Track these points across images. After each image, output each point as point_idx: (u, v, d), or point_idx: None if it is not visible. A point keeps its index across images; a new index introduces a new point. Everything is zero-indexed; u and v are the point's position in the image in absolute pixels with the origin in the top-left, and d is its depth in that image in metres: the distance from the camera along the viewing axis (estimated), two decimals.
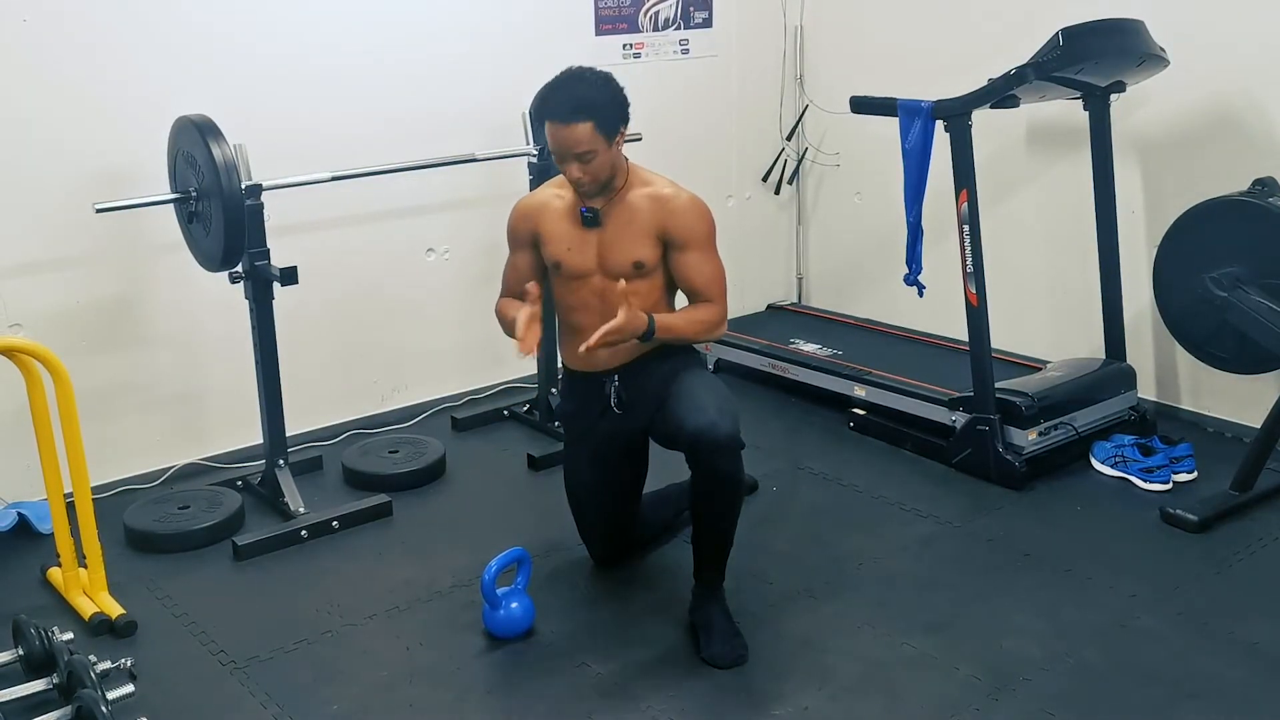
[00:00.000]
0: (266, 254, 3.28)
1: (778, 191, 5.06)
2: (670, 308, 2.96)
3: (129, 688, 2.49)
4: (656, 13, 4.53)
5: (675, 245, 2.83)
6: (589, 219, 2.84)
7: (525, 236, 2.93)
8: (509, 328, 2.84)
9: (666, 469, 3.15)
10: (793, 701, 2.54)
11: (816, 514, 3.46)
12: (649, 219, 2.82)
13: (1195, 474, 3.53)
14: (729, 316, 2.92)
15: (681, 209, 2.83)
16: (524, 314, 2.69)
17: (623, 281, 2.68)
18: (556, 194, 2.92)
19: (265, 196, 3.27)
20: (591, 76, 2.73)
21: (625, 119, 2.74)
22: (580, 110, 2.66)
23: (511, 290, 2.98)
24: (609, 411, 2.92)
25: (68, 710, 2.42)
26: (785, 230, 5.18)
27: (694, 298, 2.89)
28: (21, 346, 2.79)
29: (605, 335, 2.61)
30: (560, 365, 3.12)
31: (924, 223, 3.60)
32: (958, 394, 3.74)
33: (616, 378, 2.90)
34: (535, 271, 2.95)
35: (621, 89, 2.75)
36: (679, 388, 2.76)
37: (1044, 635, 2.77)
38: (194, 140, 3.10)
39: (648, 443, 3.02)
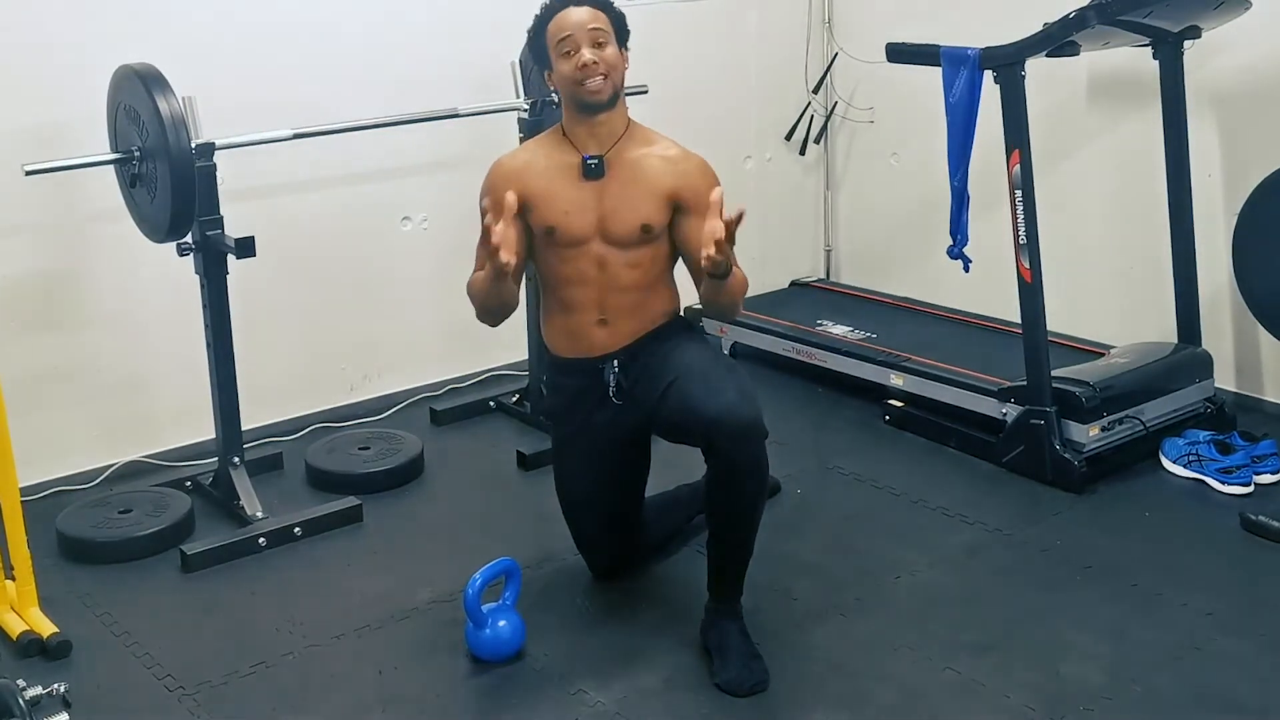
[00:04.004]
0: (220, 222, 3.27)
1: (803, 152, 5.04)
2: (672, 283, 2.96)
3: (63, 716, 2.47)
4: None
5: (687, 211, 2.84)
6: (593, 168, 2.84)
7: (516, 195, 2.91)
8: (479, 292, 2.80)
9: (674, 467, 3.14)
10: None
11: (847, 520, 3.46)
12: (659, 179, 2.83)
13: None
14: (749, 295, 2.92)
15: (695, 171, 2.86)
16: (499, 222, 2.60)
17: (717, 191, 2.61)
18: (541, 152, 2.92)
19: (219, 157, 3.25)
20: None
21: (629, 36, 2.88)
22: (596, 2, 2.83)
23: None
24: (606, 402, 2.91)
25: None
26: (811, 196, 5.16)
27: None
28: None
29: (728, 233, 2.53)
30: (548, 352, 3.11)
31: (970, 188, 3.59)
32: (1009, 383, 3.73)
33: (616, 362, 2.89)
34: (520, 243, 2.92)
35: None
36: (687, 369, 2.75)
37: (1107, 659, 2.77)
38: (137, 93, 3.08)
39: (650, 436, 3.02)
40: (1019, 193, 3.53)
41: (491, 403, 4.23)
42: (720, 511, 2.75)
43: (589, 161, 2.84)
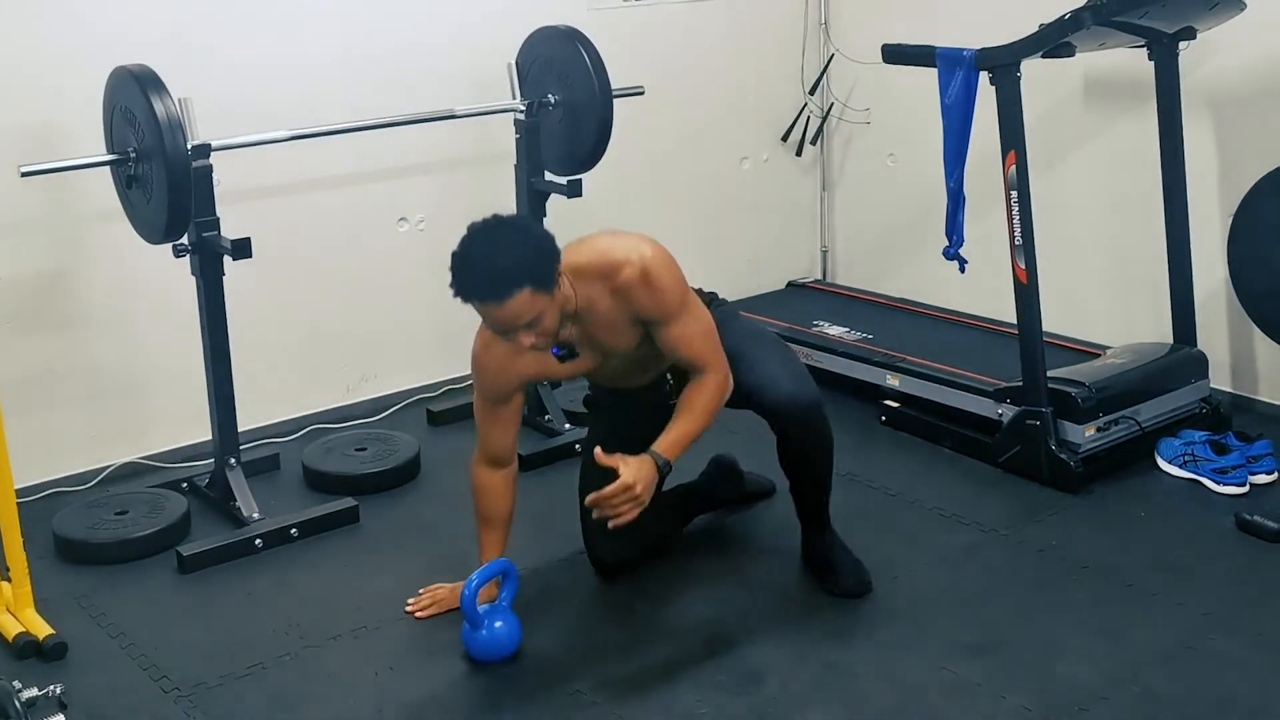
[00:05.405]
0: (216, 224, 3.27)
1: (799, 153, 5.04)
2: None
3: (59, 718, 2.47)
4: None
5: (650, 324, 2.80)
6: (563, 356, 2.85)
7: (510, 385, 2.90)
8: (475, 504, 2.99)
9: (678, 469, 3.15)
10: None
11: (844, 520, 3.42)
12: (619, 311, 2.77)
13: (1275, 475, 3.52)
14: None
15: (638, 288, 2.73)
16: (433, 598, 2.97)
17: (598, 450, 2.68)
18: None
19: (214, 158, 3.25)
20: (505, 235, 2.59)
21: (558, 259, 2.62)
22: (509, 282, 2.51)
23: (492, 451, 2.95)
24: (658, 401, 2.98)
25: None
26: (808, 197, 5.16)
27: (684, 367, 2.86)
28: None
29: (621, 505, 2.67)
30: None
31: (966, 189, 3.59)
32: (1005, 384, 3.73)
33: (670, 377, 2.98)
34: (520, 414, 2.99)
35: (542, 230, 2.69)
36: (742, 358, 2.88)
37: (1104, 659, 2.77)
38: (133, 94, 3.07)
39: None
40: (1015, 193, 3.52)
41: None
42: (796, 473, 3.05)
43: (557, 354, 2.83)
